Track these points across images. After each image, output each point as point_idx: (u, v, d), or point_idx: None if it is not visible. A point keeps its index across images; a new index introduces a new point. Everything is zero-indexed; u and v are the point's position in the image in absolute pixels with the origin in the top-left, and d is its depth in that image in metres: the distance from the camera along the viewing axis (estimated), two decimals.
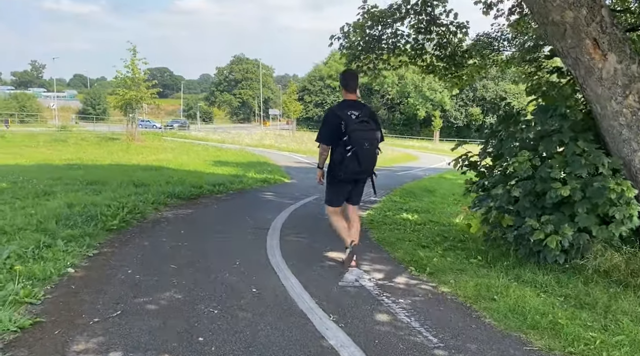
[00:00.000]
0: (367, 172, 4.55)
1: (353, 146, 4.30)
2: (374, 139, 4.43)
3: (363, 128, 4.36)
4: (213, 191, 9.81)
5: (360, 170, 4.45)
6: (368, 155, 4.39)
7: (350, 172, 4.45)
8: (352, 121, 4.34)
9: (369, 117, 4.45)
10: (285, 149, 30.81)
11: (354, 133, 4.30)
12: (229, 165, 17.00)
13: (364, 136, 4.34)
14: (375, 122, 4.52)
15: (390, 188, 12.83)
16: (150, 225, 6.30)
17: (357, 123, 4.34)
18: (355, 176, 4.55)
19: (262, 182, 12.39)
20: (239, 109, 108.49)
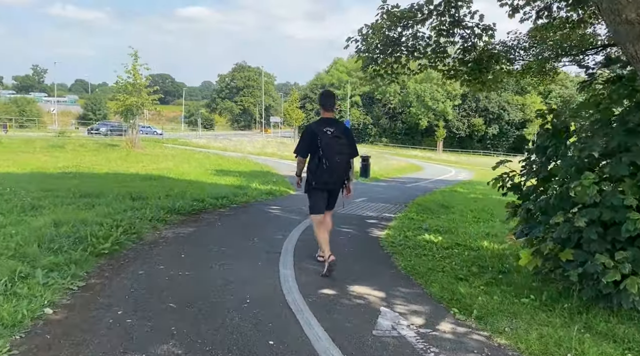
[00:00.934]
0: (338, 182, 5.11)
1: (325, 158, 4.84)
2: (345, 153, 4.99)
3: (335, 143, 4.88)
4: (216, 205, 9.09)
5: (332, 181, 5.03)
6: (339, 167, 4.96)
7: (322, 182, 5.01)
8: (327, 136, 4.85)
9: (342, 133, 4.97)
10: (288, 158, 30.10)
11: (327, 148, 4.84)
12: (232, 174, 16.29)
13: (335, 150, 4.88)
14: (348, 137, 5.05)
15: (403, 202, 12.12)
16: (147, 248, 5.57)
17: (331, 138, 4.86)
18: (327, 186, 5.09)
19: (267, 194, 11.67)
20: (240, 116, 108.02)
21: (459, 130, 79.95)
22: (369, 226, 8.33)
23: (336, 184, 5.12)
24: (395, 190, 16.17)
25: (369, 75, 8.67)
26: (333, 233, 7.18)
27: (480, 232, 8.17)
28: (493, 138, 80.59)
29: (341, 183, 5.16)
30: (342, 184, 5.19)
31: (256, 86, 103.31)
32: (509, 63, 8.49)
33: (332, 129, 4.91)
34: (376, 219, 9.17)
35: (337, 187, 5.19)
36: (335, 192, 5.24)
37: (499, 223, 9.59)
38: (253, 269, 4.94)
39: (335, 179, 5.03)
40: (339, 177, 5.06)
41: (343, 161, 4.98)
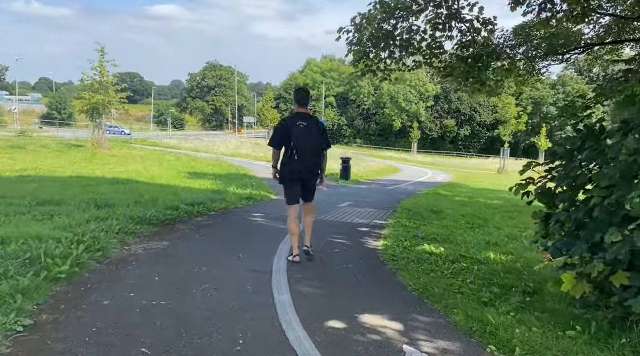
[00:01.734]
0: (310, 173, 5.35)
1: (296, 149, 5.12)
2: (315, 144, 5.26)
3: (306, 134, 5.14)
4: (192, 213, 8.23)
5: (304, 170, 5.26)
6: (309, 158, 5.23)
7: (295, 171, 5.26)
8: (298, 129, 5.12)
9: (314, 126, 5.24)
10: (263, 159, 29.22)
11: (298, 139, 5.12)
12: (207, 177, 15.37)
13: (305, 140, 5.15)
14: (320, 130, 5.30)
15: (390, 207, 11.49)
16: (114, 269, 4.71)
17: (301, 129, 5.13)
18: (300, 175, 5.29)
19: (247, 199, 10.84)
20: (211, 116, 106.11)
21: (431, 131, 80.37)
22: (362, 235, 7.63)
23: (309, 173, 5.36)
24: (379, 193, 15.57)
25: (360, 70, 7.98)
26: (327, 246, 6.48)
27: (480, 241, 7.59)
28: (465, 139, 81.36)
29: (313, 174, 5.41)
30: (316, 175, 5.44)
31: (228, 85, 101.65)
32: (510, 60, 7.91)
33: (304, 123, 5.19)
34: (368, 226, 8.49)
35: (310, 178, 5.41)
36: (308, 183, 5.44)
37: (494, 230, 9.07)
38: (242, 295, 4.16)
39: (306, 169, 5.28)
40: (310, 167, 5.32)
41: (313, 152, 5.26)
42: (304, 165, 5.23)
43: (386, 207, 11.36)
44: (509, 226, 9.72)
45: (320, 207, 10.20)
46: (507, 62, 7.66)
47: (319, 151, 5.35)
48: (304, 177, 5.34)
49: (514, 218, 10.95)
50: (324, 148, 5.42)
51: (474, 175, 31.39)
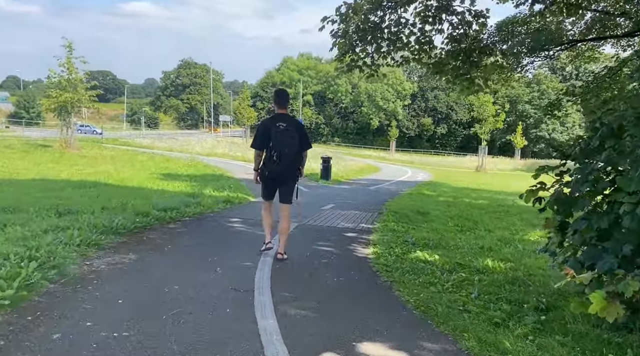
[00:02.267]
0: (287, 174, 5.43)
1: (275, 150, 5.22)
2: (294, 146, 5.29)
3: (284, 136, 5.21)
4: (164, 219, 7.58)
5: (282, 171, 5.35)
6: (287, 159, 5.27)
7: (273, 172, 5.35)
8: (277, 130, 5.20)
9: (294, 128, 5.30)
10: (240, 158, 28.54)
11: (276, 140, 5.20)
12: (181, 179, 14.65)
13: (284, 142, 5.22)
14: (299, 132, 5.36)
15: (375, 209, 11.02)
16: (70, 291, 4.07)
17: (281, 131, 5.20)
18: (277, 176, 5.41)
19: (224, 202, 10.21)
20: (186, 115, 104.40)
21: (408, 130, 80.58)
22: (350, 241, 7.11)
23: (285, 176, 5.45)
24: (361, 193, 15.10)
25: (346, 66, 7.44)
26: (314, 256, 5.93)
27: (473, 246, 7.18)
28: (442, 138, 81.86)
29: (291, 175, 5.49)
30: (294, 177, 5.55)
31: (203, 84, 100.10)
32: (502, 56, 7.47)
33: (284, 124, 5.27)
34: (354, 231, 7.98)
35: (287, 179, 5.51)
36: (285, 184, 5.54)
37: (485, 233, 8.68)
38: (221, 322, 3.58)
39: (284, 170, 5.36)
40: (288, 168, 5.37)
41: (292, 154, 5.31)
42: (283, 166, 5.32)
43: (371, 209, 10.88)
44: (499, 228, 9.35)
45: (304, 212, 9.67)
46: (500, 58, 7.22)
47: (298, 153, 5.42)
48: (281, 178, 5.46)
49: (502, 219, 10.60)
50: (304, 149, 5.50)
51: (454, 174, 31.27)
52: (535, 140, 70.78)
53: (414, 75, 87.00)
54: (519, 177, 32.26)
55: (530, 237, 8.64)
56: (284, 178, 5.47)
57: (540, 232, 9.13)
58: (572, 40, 13.11)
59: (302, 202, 7.68)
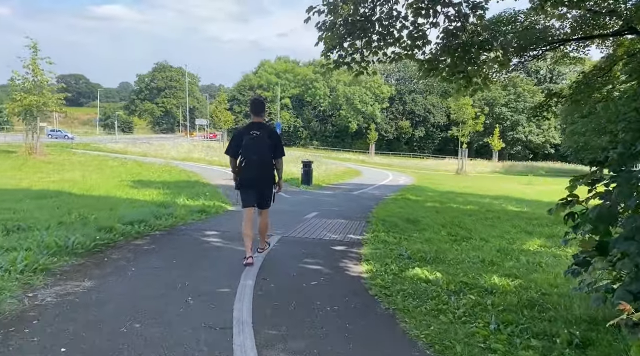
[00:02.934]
0: (261, 180, 5.48)
1: (245, 157, 5.38)
2: (264, 154, 5.37)
3: (254, 143, 5.32)
4: (130, 234, 6.75)
5: (253, 177, 5.42)
6: (258, 166, 5.38)
7: (245, 178, 5.45)
8: (249, 138, 5.33)
9: (266, 135, 5.38)
10: (217, 163, 27.60)
11: (246, 148, 5.35)
12: (153, 186, 13.75)
13: (254, 150, 5.34)
14: (272, 139, 5.42)
15: (362, 216, 10.37)
16: (1, 337, 3.25)
17: (251, 139, 5.32)
18: (250, 182, 5.46)
19: (199, 212, 9.40)
20: (161, 119, 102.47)
21: (387, 133, 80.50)
22: (340, 257, 6.40)
23: (260, 182, 5.50)
24: (345, 199, 14.43)
25: (332, 62, 6.75)
26: (301, 277, 5.19)
27: (472, 259, 6.57)
28: (420, 141, 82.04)
29: (266, 182, 5.55)
30: (269, 184, 5.59)
31: (179, 87, 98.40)
32: (502, 51, 6.85)
33: (258, 132, 5.36)
34: (343, 244, 7.28)
35: (263, 185, 5.55)
36: (262, 190, 5.56)
37: (481, 242, 8.09)
38: None
39: (256, 177, 5.43)
40: (261, 175, 5.45)
41: (261, 161, 5.38)
42: (253, 173, 5.41)
43: (358, 217, 10.21)
44: (494, 237, 8.77)
45: (285, 220, 8.94)
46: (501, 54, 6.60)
47: (268, 160, 5.47)
48: (256, 185, 5.51)
49: (495, 227, 10.05)
50: (277, 156, 5.55)
51: (435, 177, 30.92)
52: (512, 142, 71.44)
53: (391, 78, 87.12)
54: (499, 180, 32.15)
55: (529, 246, 8.08)
56: (258, 184, 5.51)
57: (538, 240, 8.60)
58: (560, 39, 12.73)
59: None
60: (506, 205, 14.52)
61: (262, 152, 5.36)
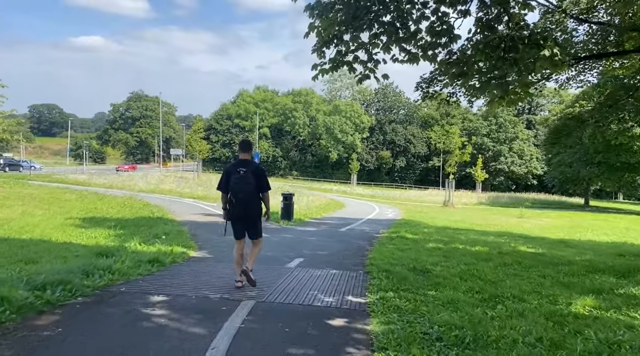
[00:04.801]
0: (248, 214, 5.94)
1: (232, 194, 5.83)
2: (249, 191, 5.81)
3: (240, 182, 5.77)
4: (34, 307, 4.61)
5: (241, 212, 5.89)
6: (244, 202, 5.82)
7: (233, 214, 5.91)
8: (236, 175, 5.79)
9: (251, 172, 5.82)
10: (189, 195, 25.37)
11: (234, 185, 5.80)
12: (105, 224, 11.55)
13: (240, 188, 5.78)
14: (256, 175, 5.86)
15: (358, 264, 8.38)
16: None
17: (238, 178, 5.77)
18: (238, 217, 5.94)
19: (151, 262, 7.27)
20: (136, 149, 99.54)
21: (367, 163, 79.29)
22: (341, 341, 4.36)
23: (246, 217, 5.93)
24: (333, 239, 12.41)
25: (328, 61, 4.88)
26: None
27: (525, 334, 4.65)
28: (401, 171, 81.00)
29: (252, 216, 5.97)
30: (256, 217, 6.00)
31: (155, 116, 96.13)
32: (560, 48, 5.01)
33: (244, 169, 5.80)
34: (342, 313, 5.25)
35: (249, 220, 5.99)
36: (249, 223, 6.01)
37: (518, 304, 6.17)
38: None
39: (243, 212, 5.87)
40: (247, 210, 5.89)
41: (247, 197, 5.82)
42: (241, 208, 5.83)
43: (352, 266, 8.22)
44: (528, 293, 6.84)
45: (262, 273, 6.90)
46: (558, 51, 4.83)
47: (254, 197, 5.87)
48: (243, 219, 5.93)
49: (520, 276, 8.16)
50: (262, 192, 5.93)
51: (423, 210, 29.16)
52: (494, 173, 70.77)
53: (371, 108, 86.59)
54: (489, 212, 30.63)
55: (579, 308, 6.19)
56: (245, 218, 5.92)
57: (587, 299, 6.71)
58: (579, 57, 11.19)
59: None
60: (516, 245, 12.70)
61: (247, 190, 5.75)
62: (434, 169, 77.40)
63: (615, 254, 11.34)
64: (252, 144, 6.51)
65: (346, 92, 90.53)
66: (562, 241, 14.24)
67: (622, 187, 45.80)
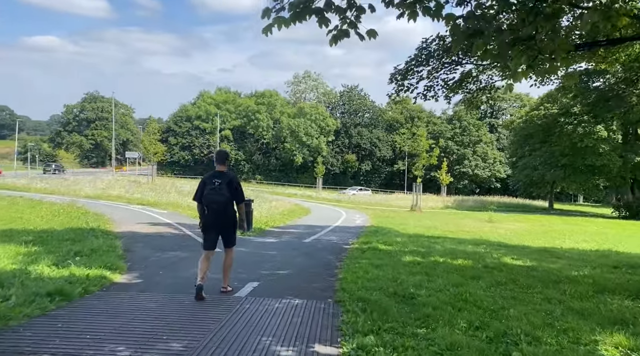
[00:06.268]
0: (221, 224, 6.09)
1: (205, 205, 6.00)
2: (222, 203, 5.94)
3: (214, 193, 5.91)
4: None
5: (214, 223, 6.05)
6: (216, 212, 5.96)
7: (207, 223, 6.09)
8: (210, 186, 5.95)
9: (225, 183, 5.96)
10: (139, 201, 23.17)
11: (206, 196, 5.96)
12: (21, 239, 9.55)
13: (212, 199, 5.93)
14: (229, 186, 5.99)
15: (326, 289, 6.78)
16: None
17: (211, 189, 5.93)
18: (211, 227, 6.08)
19: (50, 296, 5.43)
20: (91, 152, 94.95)
21: (333, 167, 77.97)
22: None
23: (220, 226, 6.08)
24: (296, 252, 10.74)
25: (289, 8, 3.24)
26: None
27: None
28: (366, 175, 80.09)
29: (226, 226, 6.12)
30: (229, 226, 6.16)
31: (111, 118, 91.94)
32: None
33: (219, 180, 5.95)
34: None
35: (223, 229, 6.13)
36: (223, 233, 6.16)
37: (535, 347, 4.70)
38: None
39: (216, 222, 6.03)
40: (220, 220, 6.03)
41: (221, 208, 5.94)
42: (214, 218, 5.99)
43: (320, 292, 6.61)
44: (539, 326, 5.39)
45: (202, 309, 5.21)
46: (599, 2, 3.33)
47: (228, 207, 6.01)
48: (216, 229, 6.09)
49: (522, 301, 6.72)
50: (237, 203, 6.14)
51: (391, 215, 27.85)
52: (459, 176, 70.70)
53: (336, 111, 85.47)
54: (457, 217, 29.66)
55: (614, 351, 4.78)
56: (218, 229, 6.10)
57: (619, 336, 5.31)
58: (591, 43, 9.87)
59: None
60: (499, 256, 11.36)
61: (220, 200, 5.92)
62: (399, 173, 76.85)
63: (609, 266, 10.15)
64: (228, 155, 6.52)
65: (311, 94, 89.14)
66: (545, 250, 13.03)
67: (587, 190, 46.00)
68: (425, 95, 10.91)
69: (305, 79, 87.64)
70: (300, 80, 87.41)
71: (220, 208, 5.89)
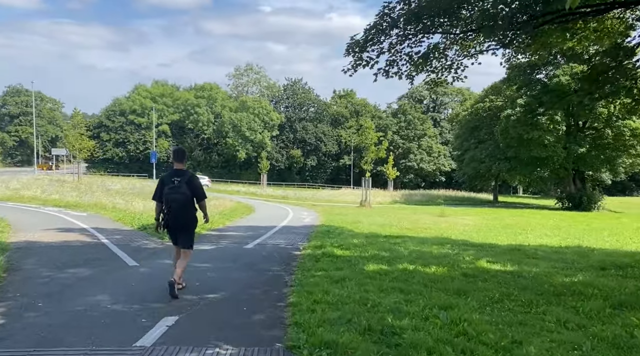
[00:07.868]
0: (180, 223, 6.06)
1: (165, 204, 6.00)
2: (180, 200, 5.93)
3: (173, 192, 5.91)
4: None
5: (173, 222, 6.02)
6: (175, 211, 5.95)
7: (167, 222, 6.03)
8: (169, 185, 5.94)
9: (185, 183, 5.97)
10: (55, 203, 20.21)
11: (166, 195, 5.95)
12: None
13: (172, 198, 5.92)
14: (189, 185, 5.99)
15: (275, 319, 4.91)
16: None
17: (171, 188, 5.93)
18: (171, 225, 6.06)
19: None
20: (15, 150, 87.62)
21: (278, 162, 75.90)
22: None
23: (178, 226, 6.06)
24: (235, 264, 8.72)
25: None
26: None
27: None
28: (312, 170, 78.64)
29: (184, 225, 6.11)
30: (187, 226, 6.15)
31: (38, 114, 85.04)
32: None
33: (178, 179, 5.97)
34: None
35: (181, 229, 6.11)
36: (181, 233, 6.14)
37: None
38: None
39: (175, 221, 6.00)
40: (179, 219, 6.00)
41: (181, 207, 5.94)
42: (173, 217, 5.95)
43: (263, 330, 4.71)
44: None
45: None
46: None
47: (188, 206, 6.02)
48: (175, 228, 6.07)
49: (533, 326, 5.15)
50: (197, 201, 6.13)
51: (341, 212, 26.25)
52: (404, 170, 70.56)
53: (280, 105, 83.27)
54: (408, 211, 28.53)
55: None
56: (178, 227, 6.05)
57: None
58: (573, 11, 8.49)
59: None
60: (472, 259, 9.90)
61: (180, 199, 5.89)
62: (345, 168, 75.89)
63: (596, 268, 8.91)
64: (186, 153, 6.51)
65: (254, 87, 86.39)
66: (515, 249, 11.74)
67: (531, 182, 46.60)
68: (388, 72, 9.26)
69: (247, 71, 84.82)
70: (242, 73, 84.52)
71: (180, 208, 5.92)
